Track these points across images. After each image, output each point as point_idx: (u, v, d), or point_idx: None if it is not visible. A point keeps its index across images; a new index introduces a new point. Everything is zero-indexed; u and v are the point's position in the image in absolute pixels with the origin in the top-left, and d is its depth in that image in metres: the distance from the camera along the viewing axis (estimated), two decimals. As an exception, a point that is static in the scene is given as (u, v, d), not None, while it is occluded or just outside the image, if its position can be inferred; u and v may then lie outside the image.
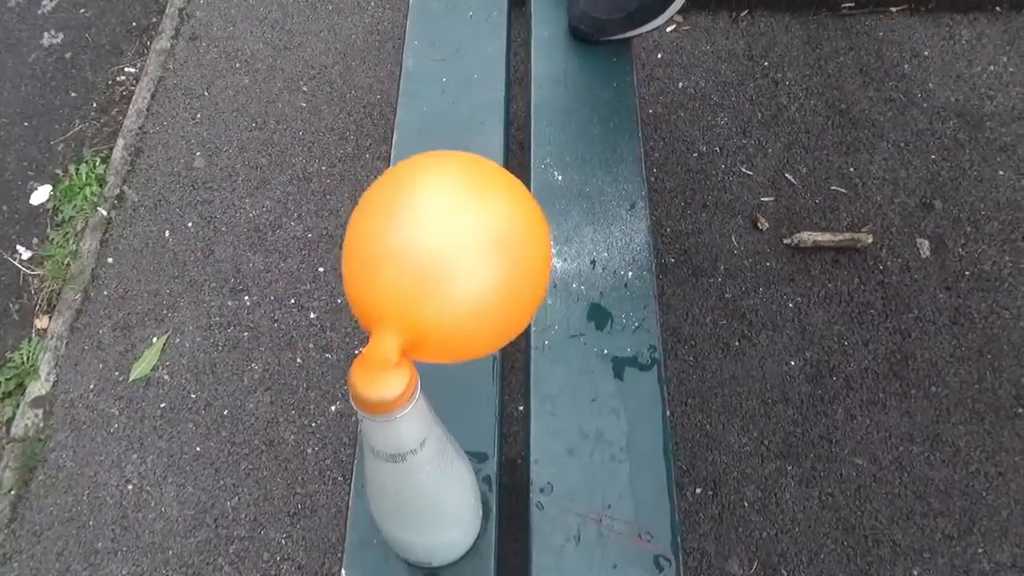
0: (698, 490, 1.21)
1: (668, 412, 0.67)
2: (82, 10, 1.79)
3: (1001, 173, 1.50)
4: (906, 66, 1.63)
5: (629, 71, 0.87)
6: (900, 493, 1.21)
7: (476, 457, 0.66)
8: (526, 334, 0.73)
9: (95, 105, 1.66)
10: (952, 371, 1.30)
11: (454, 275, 0.46)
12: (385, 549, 0.60)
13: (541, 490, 0.64)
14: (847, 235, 1.40)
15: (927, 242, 1.42)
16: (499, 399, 0.71)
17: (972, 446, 1.24)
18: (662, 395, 0.68)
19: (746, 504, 1.20)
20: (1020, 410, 1.26)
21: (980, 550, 1.16)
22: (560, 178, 0.80)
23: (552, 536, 0.62)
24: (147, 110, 1.62)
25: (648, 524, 0.62)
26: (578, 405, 0.67)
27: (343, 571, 0.61)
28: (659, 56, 1.63)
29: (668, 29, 1.66)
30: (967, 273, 1.39)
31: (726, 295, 1.37)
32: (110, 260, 1.44)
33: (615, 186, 0.79)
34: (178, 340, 1.35)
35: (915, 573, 1.14)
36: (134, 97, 1.64)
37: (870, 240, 1.40)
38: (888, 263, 1.40)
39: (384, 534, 0.55)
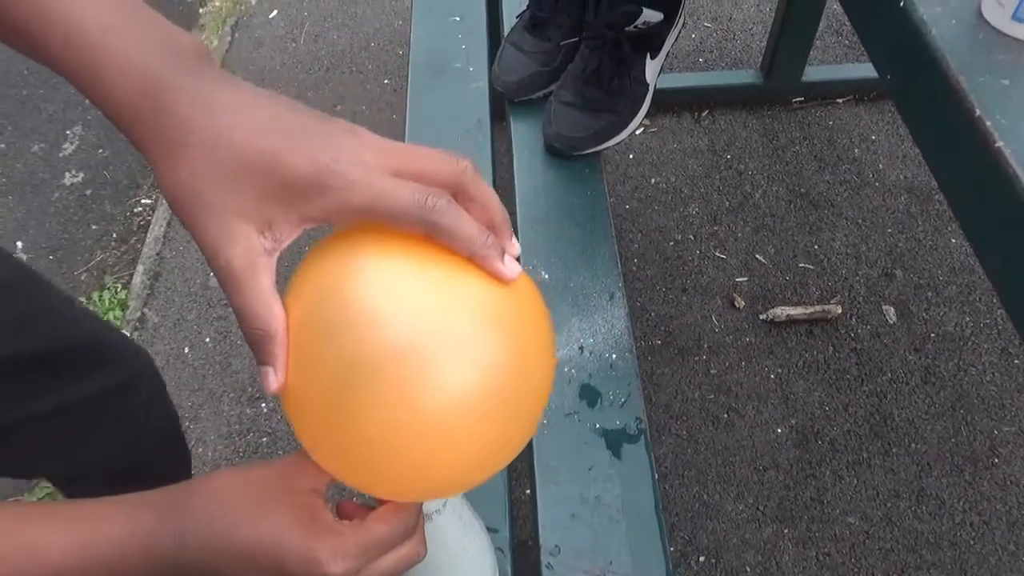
0: (701, 559, 1.27)
1: (656, 475, 0.76)
2: (100, 150, 1.95)
3: (953, 241, 1.63)
4: (856, 150, 1.79)
5: (600, 180, 1.01)
6: (893, 548, 1.27)
7: (489, 531, 0.75)
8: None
9: (115, 236, 1.79)
10: (929, 427, 1.39)
11: (416, 363, 0.33)
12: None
13: (550, 552, 0.72)
14: (818, 307, 1.51)
15: (892, 308, 1.53)
16: (507, 480, 0.79)
17: (955, 497, 1.31)
18: (650, 461, 0.77)
19: (748, 569, 1.26)
20: (996, 460, 1.34)
21: (973, 597, 1.22)
22: (547, 277, 0.92)
23: (562, 593, 0.70)
24: (164, 237, 1.75)
25: (646, 575, 0.70)
26: (577, 474, 0.76)
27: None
28: (631, 157, 1.78)
29: (637, 132, 1.82)
30: (932, 335, 1.50)
31: (711, 371, 1.47)
32: (133, 378, 1.53)
33: (595, 280, 0.90)
34: (200, 450, 1.43)
35: (914, 624, 1.20)
36: (151, 226, 1.78)
37: (839, 311, 1.51)
38: (858, 330, 1.51)
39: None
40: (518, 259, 0.39)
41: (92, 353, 0.78)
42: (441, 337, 0.34)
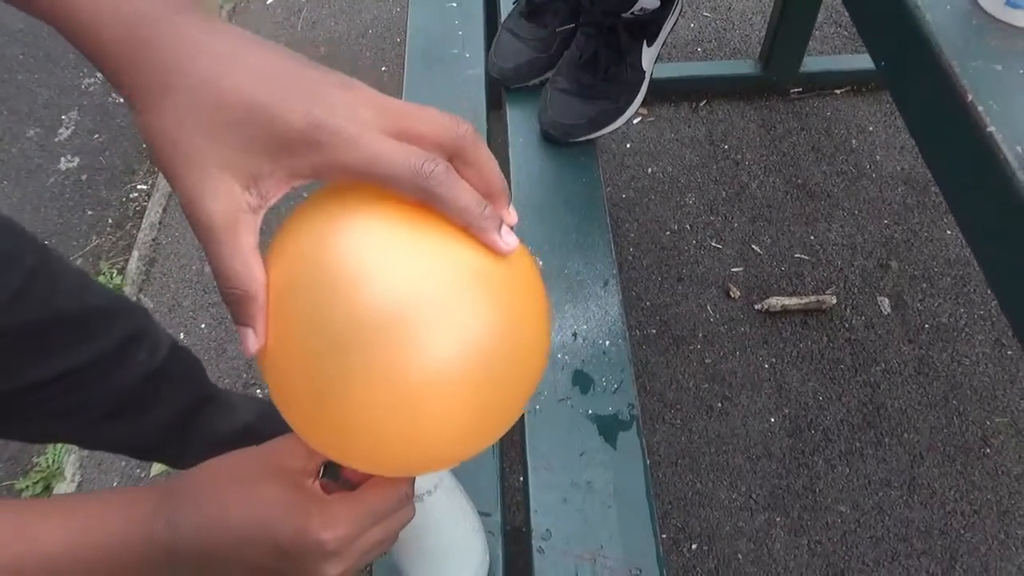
0: (694, 546, 1.28)
1: (648, 461, 0.76)
2: (96, 135, 1.95)
3: (949, 232, 1.63)
4: (854, 141, 1.78)
5: (595, 167, 1.00)
6: (884, 536, 1.28)
7: (481, 515, 0.75)
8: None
9: (110, 221, 1.79)
10: (921, 418, 1.39)
11: (407, 329, 0.32)
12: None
13: (542, 536, 0.73)
14: (812, 298, 1.52)
15: (887, 300, 1.54)
16: (499, 464, 0.80)
17: (947, 487, 1.32)
18: (642, 446, 0.78)
19: (740, 556, 1.27)
20: (988, 450, 1.35)
21: (963, 586, 1.23)
22: (541, 264, 0.92)
23: (553, 577, 0.70)
24: (159, 223, 1.75)
25: (637, 560, 0.70)
26: (569, 460, 0.77)
27: (370, 620, 0.68)
28: (628, 146, 1.78)
29: (635, 121, 1.82)
30: (927, 326, 1.50)
31: (706, 360, 1.47)
32: (128, 364, 1.53)
33: (589, 267, 0.90)
34: (195, 435, 1.43)
35: (903, 611, 1.21)
36: (147, 212, 1.77)
37: (834, 301, 1.52)
38: (853, 321, 1.51)
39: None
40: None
41: (95, 320, 0.78)
42: (432, 304, 0.33)
